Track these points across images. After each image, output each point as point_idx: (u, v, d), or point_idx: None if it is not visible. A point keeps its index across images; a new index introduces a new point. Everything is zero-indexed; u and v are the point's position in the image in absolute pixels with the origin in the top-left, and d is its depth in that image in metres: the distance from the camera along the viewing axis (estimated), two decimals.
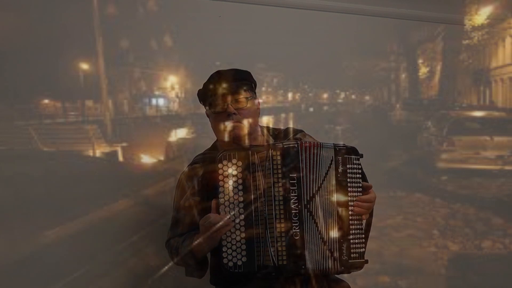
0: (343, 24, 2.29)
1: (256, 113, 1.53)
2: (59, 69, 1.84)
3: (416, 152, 2.54)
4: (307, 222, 1.33)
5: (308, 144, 1.36)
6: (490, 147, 2.67)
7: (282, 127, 1.69)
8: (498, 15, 2.63)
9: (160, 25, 1.98)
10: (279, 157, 1.33)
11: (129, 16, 1.94)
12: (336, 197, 1.37)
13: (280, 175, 1.32)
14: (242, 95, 1.47)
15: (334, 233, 1.36)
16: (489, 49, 2.69)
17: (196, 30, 2.01)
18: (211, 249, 1.40)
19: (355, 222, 1.39)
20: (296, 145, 1.34)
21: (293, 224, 1.30)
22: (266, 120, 2.09)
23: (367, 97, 2.47)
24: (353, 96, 2.44)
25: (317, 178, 1.36)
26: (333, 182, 1.38)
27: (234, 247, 1.31)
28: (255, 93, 1.55)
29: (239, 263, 1.30)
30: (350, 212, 1.38)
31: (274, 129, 1.65)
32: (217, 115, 1.48)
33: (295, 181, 1.33)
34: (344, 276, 1.72)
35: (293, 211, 1.31)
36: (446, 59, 2.62)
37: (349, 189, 1.39)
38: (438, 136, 2.60)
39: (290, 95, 2.30)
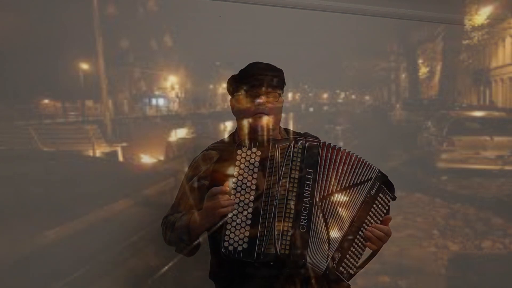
0: (343, 24, 2.29)
1: (281, 112, 1.55)
2: (59, 69, 1.84)
3: (416, 152, 2.54)
4: (316, 219, 1.34)
5: (332, 147, 1.39)
6: (490, 147, 2.67)
7: (282, 128, 1.70)
8: (498, 15, 2.63)
9: (160, 25, 1.98)
10: (299, 152, 1.35)
11: (129, 16, 1.94)
12: (354, 211, 1.39)
13: (297, 169, 1.34)
14: (275, 91, 1.49)
15: (337, 239, 1.36)
16: (489, 49, 2.69)
17: (196, 30, 2.01)
18: (208, 227, 1.39)
19: (359, 244, 1.39)
20: (318, 144, 1.37)
21: (302, 218, 1.31)
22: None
23: (367, 97, 2.47)
24: (353, 96, 2.44)
25: (339, 184, 1.38)
26: (360, 199, 1.40)
27: (237, 232, 1.31)
28: (283, 92, 1.57)
29: (240, 248, 1.30)
30: (360, 233, 1.39)
31: (293, 131, 1.66)
32: (246, 103, 1.49)
33: (311, 177, 1.34)
34: None
35: (303, 205, 1.32)
36: (446, 59, 2.62)
37: (370, 213, 1.41)
38: (438, 136, 2.60)
39: (290, 95, 2.30)
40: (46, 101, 1.87)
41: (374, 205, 1.42)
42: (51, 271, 1.78)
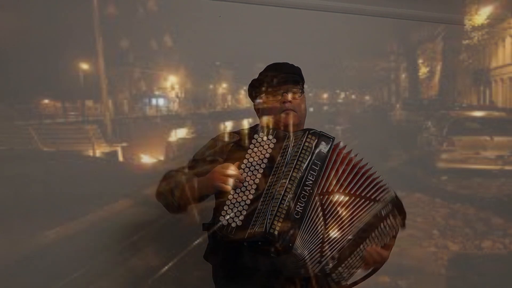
0: (343, 24, 2.29)
1: (305, 109, 1.57)
2: (59, 69, 1.84)
3: (416, 152, 2.54)
4: (312, 210, 1.34)
5: (346, 151, 1.41)
6: (490, 147, 2.67)
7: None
8: (498, 15, 2.63)
9: (160, 25, 1.98)
10: (311, 143, 1.36)
11: (129, 16, 1.94)
12: (358, 223, 1.39)
13: (304, 159, 1.34)
14: (298, 87, 1.53)
15: (333, 240, 1.36)
16: (489, 49, 2.69)
17: (196, 30, 2.01)
18: (200, 193, 1.40)
19: (357, 257, 1.40)
20: (331, 140, 1.39)
21: (298, 204, 1.31)
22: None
23: (367, 97, 2.46)
24: (353, 96, 2.44)
25: (343, 186, 1.38)
26: (368, 214, 1.40)
27: (235, 209, 1.32)
28: (303, 89, 1.59)
29: (233, 225, 1.31)
30: (362, 245, 1.40)
31: None
32: (271, 103, 1.51)
33: (316, 168, 1.35)
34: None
35: (303, 193, 1.32)
36: (446, 59, 2.62)
37: (376, 230, 1.42)
38: (438, 136, 2.60)
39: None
40: (46, 101, 1.87)
41: (382, 225, 1.43)
42: (51, 271, 1.78)
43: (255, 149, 1.38)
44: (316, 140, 1.37)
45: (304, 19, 2.20)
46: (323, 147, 1.37)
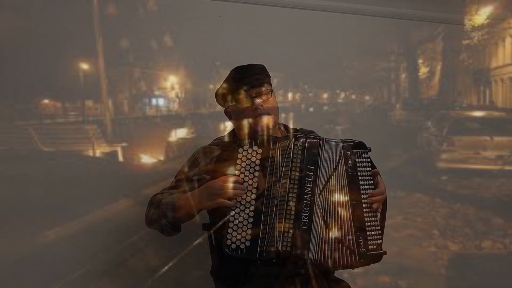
0: (343, 24, 2.29)
1: (278, 108, 1.54)
2: (59, 69, 1.84)
3: (416, 152, 2.54)
4: (317, 215, 1.33)
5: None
6: (490, 147, 2.67)
7: (281, 124, 1.69)
8: (498, 15, 2.63)
9: (160, 25, 1.98)
10: (300, 149, 1.35)
11: (129, 16, 1.94)
12: (348, 191, 1.38)
13: (297, 168, 1.34)
14: (265, 87, 1.49)
15: (348, 228, 1.36)
16: (489, 49, 2.69)
17: (196, 30, 2.01)
18: (197, 209, 1.38)
19: (370, 214, 1.40)
20: (318, 140, 1.37)
21: (303, 215, 1.31)
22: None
23: (367, 97, 2.46)
24: (353, 96, 2.44)
25: (327, 174, 1.38)
26: (344, 177, 1.39)
27: (239, 231, 1.31)
28: (271, 86, 1.56)
29: (242, 246, 1.30)
30: (363, 205, 1.39)
31: (288, 127, 1.66)
32: (243, 111, 1.48)
33: (311, 174, 1.34)
34: (344, 276, 1.72)
35: (305, 202, 1.32)
36: (446, 59, 2.62)
37: (360, 182, 1.41)
38: (438, 136, 2.60)
39: (290, 95, 2.30)
40: (46, 101, 1.87)
41: (359, 173, 1.41)
42: (51, 271, 1.78)
43: (243, 163, 1.35)
44: (303, 145, 1.35)
45: (304, 19, 2.20)
46: (313, 151, 1.36)
